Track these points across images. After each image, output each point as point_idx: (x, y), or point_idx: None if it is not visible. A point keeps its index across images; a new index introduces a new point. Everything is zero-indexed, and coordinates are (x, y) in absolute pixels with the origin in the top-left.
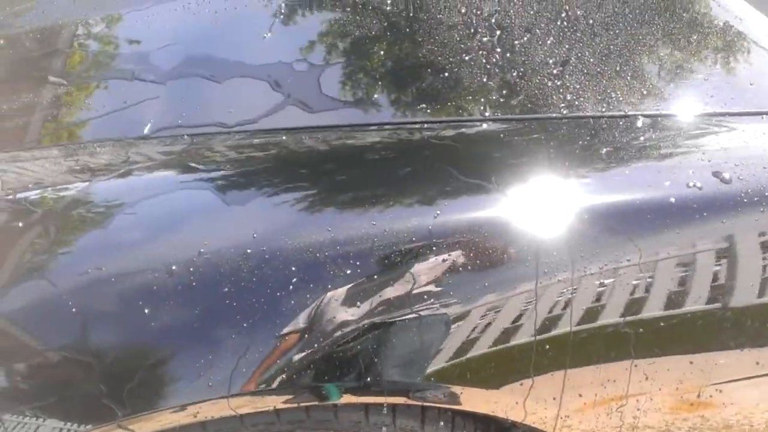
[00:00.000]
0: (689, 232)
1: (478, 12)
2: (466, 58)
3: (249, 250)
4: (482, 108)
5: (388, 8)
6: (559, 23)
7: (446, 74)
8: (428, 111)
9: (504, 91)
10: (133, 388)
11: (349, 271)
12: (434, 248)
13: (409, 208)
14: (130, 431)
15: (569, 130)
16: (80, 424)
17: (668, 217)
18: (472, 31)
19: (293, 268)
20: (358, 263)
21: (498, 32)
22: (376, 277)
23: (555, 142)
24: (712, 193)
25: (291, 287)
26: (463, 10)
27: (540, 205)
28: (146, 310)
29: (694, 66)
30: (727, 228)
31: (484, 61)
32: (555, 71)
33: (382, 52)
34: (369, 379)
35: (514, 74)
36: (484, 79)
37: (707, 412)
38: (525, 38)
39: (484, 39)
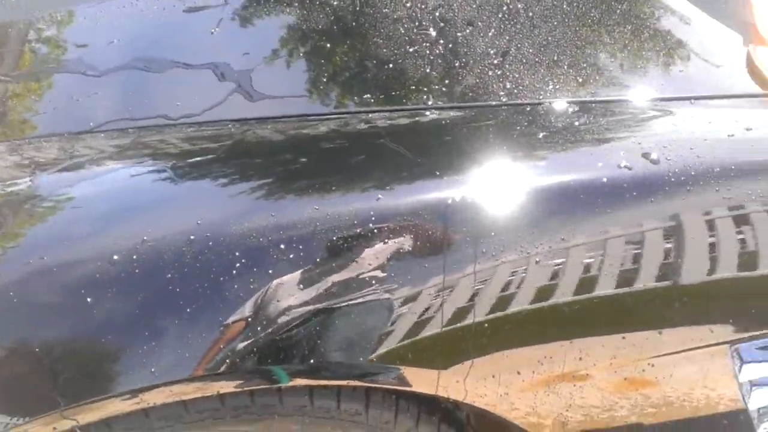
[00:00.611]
0: (620, 212)
1: (422, 6)
2: (411, 50)
3: (192, 237)
4: (426, 97)
5: (335, 2)
6: (499, 16)
7: (392, 65)
8: (373, 101)
9: (447, 81)
10: (76, 377)
11: (296, 257)
12: (378, 232)
13: (352, 194)
14: (74, 421)
15: (509, 116)
16: (23, 416)
17: (600, 197)
18: (417, 24)
19: (239, 254)
20: (306, 249)
21: (441, 25)
22: (324, 262)
23: (495, 128)
24: (641, 174)
25: (238, 273)
26: (408, 4)
27: (479, 188)
28: (88, 299)
29: (626, 55)
30: (655, 207)
31: (428, 52)
32: (495, 61)
33: (329, 45)
34: (317, 361)
35: (457, 65)
36: (428, 70)
37: (648, 390)
38: (467, 30)
39: (428, 32)
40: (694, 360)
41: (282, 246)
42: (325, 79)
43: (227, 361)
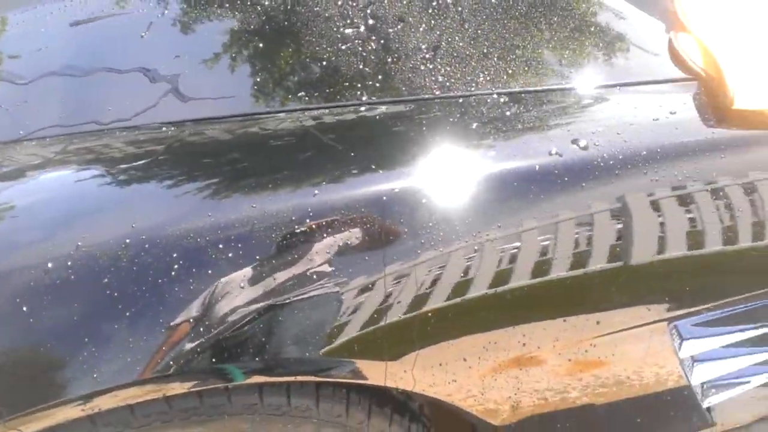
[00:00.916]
0: (554, 198)
1: (353, 3)
2: (343, 47)
3: (128, 240)
4: (360, 93)
5: (266, 2)
6: (429, 11)
7: (325, 63)
8: (307, 99)
9: (380, 77)
10: (17, 387)
11: (236, 255)
12: (318, 227)
13: (290, 191)
14: (18, 431)
15: (441, 109)
16: None
17: (533, 185)
18: (348, 21)
19: (182, 255)
20: (246, 247)
21: (372, 22)
22: (265, 259)
23: (428, 121)
24: (570, 160)
25: (187, 273)
26: (339, 2)
27: (415, 180)
28: (24, 308)
29: (553, 46)
30: (587, 192)
31: (360, 49)
32: (427, 56)
33: (261, 45)
34: (270, 358)
35: (389, 60)
36: (361, 66)
37: (594, 371)
38: (398, 27)
39: (360, 29)
40: (635, 339)
41: (221, 245)
42: (258, 79)
43: (177, 362)
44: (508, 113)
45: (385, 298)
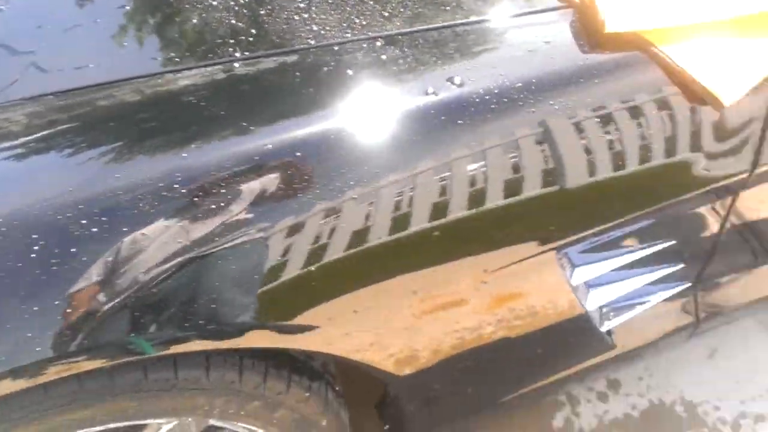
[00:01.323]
0: (431, 138)
1: None
2: (215, 3)
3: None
4: (233, 49)
5: None
6: None
7: (195, 21)
8: (178, 59)
9: (254, 31)
10: None
11: (108, 230)
12: (195, 192)
13: (160, 156)
14: None
15: (316, 58)
16: None
17: (410, 126)
18: None
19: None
20: (119, 220)
21: None
22: (151, 229)
23: (301, 72)
24: (447, 98)
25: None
26: None
27: (288, 135)
28: None
29: None
30: (463, 129)
31: (232, 3)
32: (302, 5)
33: (127, 8)
34: (176, 327)
35: (263, 13)
36: (233, 21)
37: (493, 309)
38: None
39: None
40: (525, 272)
41: (84, 221)
42: (123, 43)
43: (72, 341)
44: (384, 56)
45: (266, 260)
